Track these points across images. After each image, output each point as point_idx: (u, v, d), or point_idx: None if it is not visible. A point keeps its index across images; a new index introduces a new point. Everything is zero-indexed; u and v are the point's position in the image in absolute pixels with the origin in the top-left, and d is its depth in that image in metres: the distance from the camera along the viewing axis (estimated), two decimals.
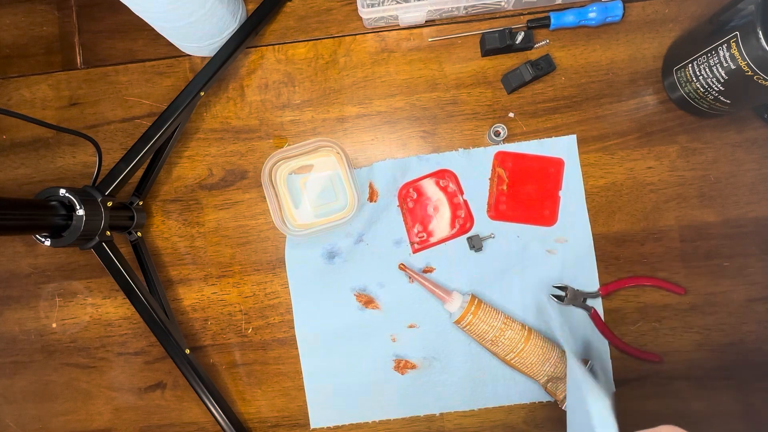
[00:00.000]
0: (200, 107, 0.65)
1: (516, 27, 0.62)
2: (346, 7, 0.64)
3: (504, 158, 0.62)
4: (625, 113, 0.62)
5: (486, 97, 0.63)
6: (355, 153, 0.64)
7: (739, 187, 0.61)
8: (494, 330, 0.57)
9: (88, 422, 0.65)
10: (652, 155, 0.62)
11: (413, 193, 0.62)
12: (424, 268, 0.62)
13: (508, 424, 0.61)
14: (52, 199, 0.50)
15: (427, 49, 0.63)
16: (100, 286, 0.65)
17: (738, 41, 0.48)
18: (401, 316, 0.62)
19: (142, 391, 0.64)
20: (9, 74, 0.67)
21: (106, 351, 0.65)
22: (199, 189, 0.64)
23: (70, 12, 0.67)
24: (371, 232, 0.62)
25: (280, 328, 0.63)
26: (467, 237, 0.61)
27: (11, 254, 0.66)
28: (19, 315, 0.66)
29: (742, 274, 0.61)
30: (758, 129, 0.61)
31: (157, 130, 0.57)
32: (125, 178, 0.56)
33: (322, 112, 0.64)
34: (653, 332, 0.61)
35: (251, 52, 0.65)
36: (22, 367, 0.65)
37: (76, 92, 0.66)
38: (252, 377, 0.63)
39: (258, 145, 0.64)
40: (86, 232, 0.51)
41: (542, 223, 0.61)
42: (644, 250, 0.61)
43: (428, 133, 0.63)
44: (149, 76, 0.66)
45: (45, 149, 0.66)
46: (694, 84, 0.56)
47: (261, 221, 0.64)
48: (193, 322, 0.64)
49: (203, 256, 0.64)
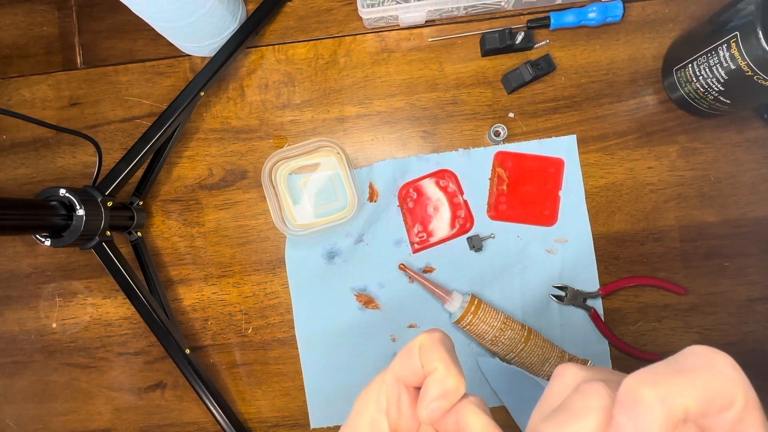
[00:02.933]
0: (200, 107, 0.65)
1: (516, 27, 0.62)
2: (346, 7, 0.64)
3: (504, 158, 0.62)
4: (625, 113, 0.62)
5: (486, 97, 0.63)
6: (355, 153, 0.64)
7: (739, 187, 0.61)
8: (494, 330, 0.57)
9: (88, 422, 0.65)
10: (652, 155, 0.62)
11: (413, 193, 0.62)
12: (424, 268, 0.62)
13: (508, 424, 0.61)
14: (52, 199, 0.50)
15: (427, 49, 0.63)
16: (100, 286, 0.65)
17: (738, 41, 0.48)
18: (401, 316, 0.62)
19: (142, 391, 0.64)
20: (9, 74, 0.67)
21: (106, 351, 0.65)
22: (199, 189, 0.65)
23: (70, 12, 0.67)
24: (371, 232, 0.62)
25: (280, 328, 0.63)
26: (467, 237, 0.61)
27: (11, 254, 0.66)
28: (19, 315, 0.66)
29: (742, 274, 0.61)
30: (758, 129, 0.61)
31: (157, 130, 0.57)
32: (125, 178, 0.56)
33: (322, 112, 0.64)
34: (653, 332, 0.61)
35: (251, 52, 0.65)
36: (22, 367, 0.65)
37: (76, 92, 0.66)
38: (252, 377, 0.63)
39: (258, 145, 0.64)
40: (86, 232, 0.51)
41: (542, 223, 0.61)
42: (644, 250, 0.61)
43: (428, 133, 0.63)
44: (149, 76, 0.66)
45: (45, 149, 0.66)
46: (694, 84, 0.56)
47: (261, 221, 0.64)
48: (193, 322, 0.64)
49: (203, 256, 0.64)
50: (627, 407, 0.17)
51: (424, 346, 0.23)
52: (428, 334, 0.23)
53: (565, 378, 0.21)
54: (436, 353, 0.22)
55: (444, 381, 0.22)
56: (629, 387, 0.17)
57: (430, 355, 0.22)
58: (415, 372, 0.23)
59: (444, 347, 0.23)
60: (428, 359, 0.22)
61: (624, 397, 0.17)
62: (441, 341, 0.23)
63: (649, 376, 0.17)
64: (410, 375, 0.23)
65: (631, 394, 0.17)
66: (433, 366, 0.22)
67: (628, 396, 0.17)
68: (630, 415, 0.17)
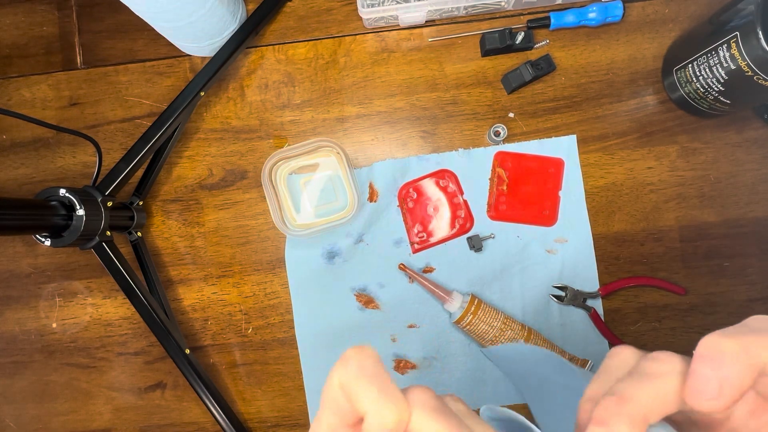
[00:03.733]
0: (200, 107, 0.65)
1: (516, 27, 0.62)
2: (346, 7, 0.64)
3: (504, 158, 0.62)
4: (625, 113, 0.62)
5: (486, 97, 0.63)
6: (355, 153, 0.64)
7: (739, 187, 0.61)
8: (494, 330, 0.57)
9: (88, 422, 0.65)
10: (652, 155, 0.62)
11: (413, 193, 0.62)
12: (424, 268, 0.62)
13: None
14: (52, 199, 0.50)
15: (427, 49, 0.63)
16: (100, 286, 0.65)
17: (738, 41, 0.48)
18: (401, 316, 0.62)
19: (142, 391, 0.64)
20: (9, 74, 0.67)
21: (106, 351, 0.65)
22: (199, 189, 0.65)
23: (70, 12, 0.67)
24: (371, 232, 0.62)
25: (280, 328, 0.63)
26: (467, 237, 0.61)
27: (11, 254, 0.66)
28: (19, 315, 0.66)
29: (742, 274, 0.61)
30: (758, 129, 0.61)
31: (157, 130, 0.57)
32: (125, 178, 0.56)
33: (322, 112, 0.64)
34: (653, 332, 0.61)
35: (251, 52, 0.65)
36: (22, 367, 0.65)
37: (76, 92, 0.66)
38: (252, 377, 0.63)
39: (258, 145, 0.64)
40: (86, 232, 0.51)
41: (542, 223, 0.61)
42: (644, 250, 0.61)
43: (428, 133, 0.63)
44: (149, 76, 0.66)
45: (45, 149, 0.66)
46: (694, 84, 0.56)
47: (261, 221, 0.64)
48: (193, 322, 0.64)
49: (203, 256, 0.64)
50: (709, 359, 0.17)
51: (344, 385, 0.19)
52: (343, 366, 0.19)
53: (623, 355, 0.21)
54: (360, 389, 0.18)
55: (382, 420, 0.18)
56: (710, 341, 0.18)
57: (355, 394, 0.18)
58: (347, 415, 0.19)
59: (365, 375, 0.18)
60: (355, 399, 0.18)
61: (705, 350, 0.18)
62: (359, 368, 0.19)
63: (728, 333, 0.18)
64: (344, 420, 0.19)
65: (713, 347, 0.18)
66: (363, 407, 0.18)
67: (710, 349, 0.18)
68: (713, 365, 0.17)
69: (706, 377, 0.17)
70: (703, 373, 0.17)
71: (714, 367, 0.17)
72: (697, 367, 0.18)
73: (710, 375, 0.17)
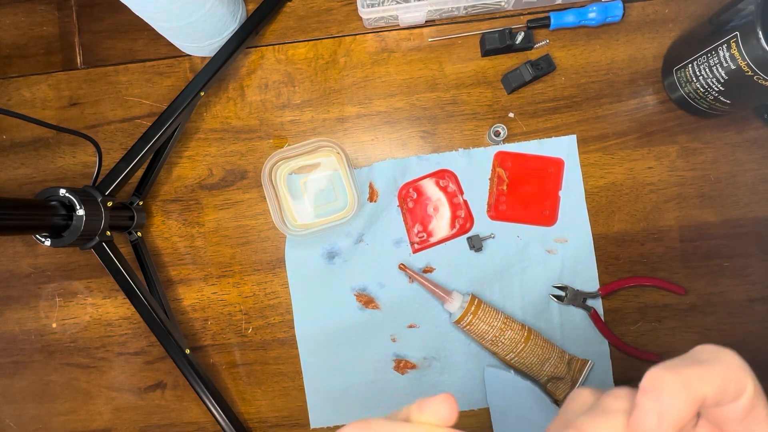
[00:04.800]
0: (200, 107, 0.65)
1: (516, 27, 0.62)
2: (346, 7, 0.64)
3: (504, 158, 0.62)
4: (625, 113, 0.62)
5: (486, 97, 0.63)
6: (355, 153, 0.64)
7: (739, 187, 0.61)
8: (494, 330, 0.57)
9: (88, 422, 0.65)
10: (652, 155, 0.62)
11: (413, 193, 0.62)
12: (424, 268, 0.62)
13: None
14: (52, 199, 0.50)
15: (427, 49, 0.63)
16: (100, 286, 0.65)
17: (738, 41, 0.48)
18: (401, 316, 0.62)
19: (142, 391, 0.64)
20: (9, 74, 0.67)
21: (106, 351, 0.65)
22: (199, 189, 0.65)
23: (70, 12, 0.67)
24: (371, 232, 0.62)
25: (280, 328, 0.63)
26: (467, 237, 0.61)
27: (11, 254, 0.66)
28: (19, 315, 0.66)
29: (742, 274, 0.61)
30: (758, 129, 0.61)
31: (157, 130, 0.57)
32: (125, 178, 0.56)
33: (322, 112, 0.64)
34: (653, 332, 0.61)
35: (251, 52, 0.65)
36: (22, 367, 0.65)
37: (76, 92, 0.66)
38: (252, 377, 0.63)
39: (258, 145, 0.64)
40: (86, 232, 0.51)
41: (542, 223, 0.61)
42: (644, 250, 0.61)
43: (428, 133, 0.63)
44: (149, 76, 0.66)
45: (45, 149, 0.66)
46: (694, 84, 0.56)
47: (261, 221, 0.64)
48: (193, 322, 0.64)
49: (203, 256, 0.64)
50: (651, 392, 0.18)
51: None
52: None
53: (583, 396, 0.22)
54: None
55: None
56: (652, 375, 0.19)
57: None
58: None
59: None
60: None
61: (648, 384, 0.19)
62: None
63: (670, 367, 0.19)
64: None
65: (654, 381, 0.19)
66: None
67: (651, 383, 0.19)
68: (654, 398, 0.18)
69: (647, 410, 0.18)
70: (645, 406, 0.18)
71: (654, 400, 0.18)
72: (639, 401, 0.19)
73: (651, 408, 0.18)
